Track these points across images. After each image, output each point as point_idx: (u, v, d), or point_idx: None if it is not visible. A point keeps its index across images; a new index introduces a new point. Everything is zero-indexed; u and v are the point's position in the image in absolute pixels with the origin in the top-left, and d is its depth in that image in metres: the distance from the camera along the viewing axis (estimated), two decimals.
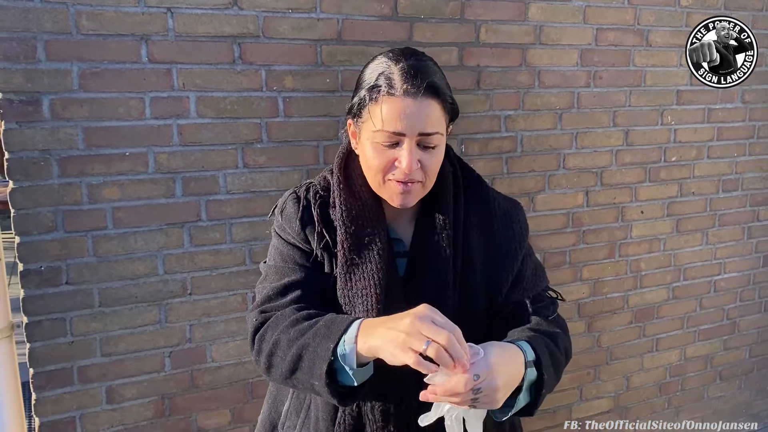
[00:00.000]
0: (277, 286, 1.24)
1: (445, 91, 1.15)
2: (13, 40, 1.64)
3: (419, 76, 1.10)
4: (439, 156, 1.16)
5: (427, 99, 1.10)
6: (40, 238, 1.74)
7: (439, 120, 1.13)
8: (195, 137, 1.85)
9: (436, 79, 1.13)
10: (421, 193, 1.19)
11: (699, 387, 2.99)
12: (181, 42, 1.79)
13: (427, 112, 1.11)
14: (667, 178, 2.66)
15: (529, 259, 1.30)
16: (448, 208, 1.22)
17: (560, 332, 1.24)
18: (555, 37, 2.31)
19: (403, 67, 1.12)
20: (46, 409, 1.82)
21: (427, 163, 1.14)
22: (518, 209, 1.32)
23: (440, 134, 1.14)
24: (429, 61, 1.17)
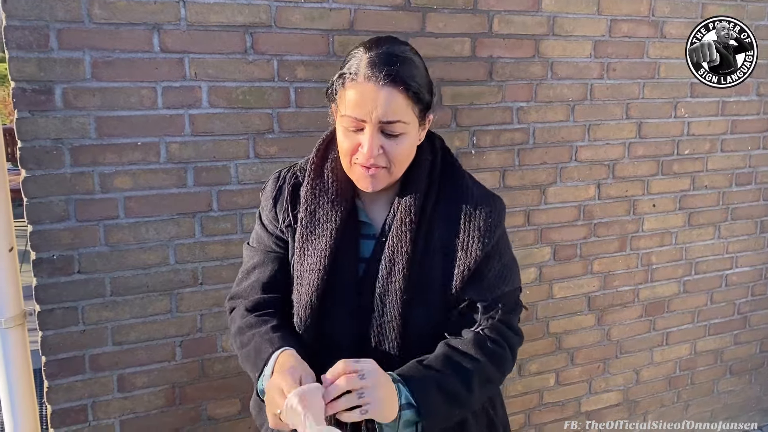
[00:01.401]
0: (243, 270, 1.34)
1: (413, 80, 1.14)
2: (26, 28, 1.64)
3: (384, 64, 1.12)
4: (404, 144, 1.17)
5: (388, 87, 1.11)
6: (53, 227, 1.74)
7: (403, 108, 1.13)
8: (207, 127, 1.84)
9: (402, 67, 1.13)
10: (388, 178, 1.20)
11: (709, 381, 2.98)
12: (193, 31, 1.78)
13: (388, 100, 1.12)
14: (679, 171, 2.64)
15: (494, 259, 1.23)
16: (418, 196, 1.22)
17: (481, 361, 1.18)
18: (568, 29, 2.29)
19: (371, 55, 1.13)
20: (59, 397, 1.83)
21: (390, 150, 1.16)
22: (491, 207, 1.24)
23: (403, 123, 1.14)
24: (403, 51, 1.16)
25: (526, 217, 2.36)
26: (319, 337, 1.25)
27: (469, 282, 1.21)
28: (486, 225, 1.21)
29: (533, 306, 2.46)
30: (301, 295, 1.25)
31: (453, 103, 2.15)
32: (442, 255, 1.21)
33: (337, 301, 1.23)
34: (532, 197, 2.36)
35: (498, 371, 1.23)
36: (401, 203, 1.23)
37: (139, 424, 1.93)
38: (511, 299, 1.26)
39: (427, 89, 1.19)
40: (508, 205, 2.25)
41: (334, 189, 1.25)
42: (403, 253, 1.20)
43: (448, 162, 1.29)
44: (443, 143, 1.33)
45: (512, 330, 1.26)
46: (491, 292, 1.22)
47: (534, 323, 2.48)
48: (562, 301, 2.52)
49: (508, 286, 1.24)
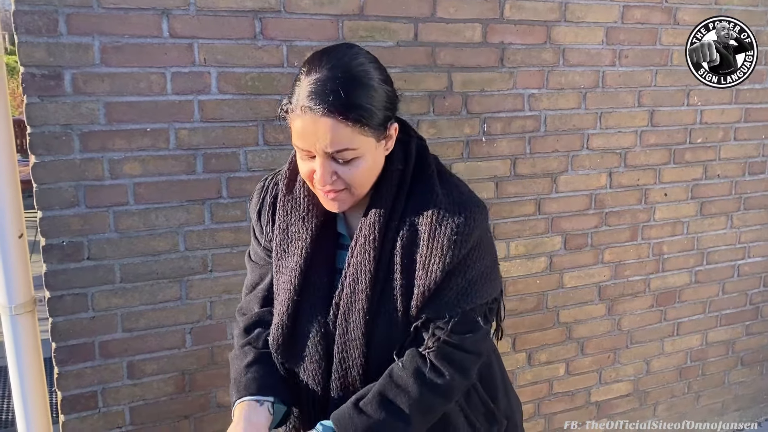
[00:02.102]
0: (247, 285, 1.38)
1: (353, 106, 1.06)
2: (35, 13, 1.63)
3: (321, 94, 1.05)
4: (359, 168, 1.11)
5: (326, 118, 1.05)
6: (62, 213, 1.74)
7: (348, 136, 1.07)
8: (216, 113, 1.83)
9: (341, 94, 1.05)
10: (351, 198, 1.16)
11: (720, 372, 2.96)
12: (202, 17, 1.77)
13: (330, 131, 1.06)
14: (692, 160, 2.61)
15: (458, 276, 1.16)
16: (383, 212, 1.17)
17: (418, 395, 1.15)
18: (580, 15, 2.26)
19: (309, 81, 1.07)
20: (69, 384, 1.83)
21: (345, 175, 1.11)
22: (461, 219, 1.14)
23: (351, 149, 1.08)
24: (347, 69, 1.08)
25: (536, 206, 2.35)
26: (292, 355, 1.26)
27: (429, 300, 1.16)
28: (450, 242, 1.13)
29: (544, 295, 2.45)
30: (276, 314, 1.26)
31: (464, 90, 2.14)
32: (405, 273, 1.16)
33: (308, 321, 1.23)
34: (543, 185, 2.34)
35: (440, 398, 1.18)
36: (366, 219, 1.18)
37: (149, 411, 1.93)
38: (469, 318, 1.18)
39: (381, 107, 1.10)
40: (520, 193, 2.28)
41: (305, 205, 1.23)
42: (366, 272, 1.17)
43: (421, 168, 1.21)
44: (421, 145, 1.24)
45: (462, 350, 1.18)
46: (449, 310, 1.16)
47: (544, 312, 2.47)
48: (573, 291, 2.50)
49: (469, 304, 1.17)
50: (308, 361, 1.24)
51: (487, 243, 1.21)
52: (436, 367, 1.17)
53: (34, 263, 1.91)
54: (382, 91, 1.11)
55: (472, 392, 1.32)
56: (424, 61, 2.06)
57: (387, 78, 1.15)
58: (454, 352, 1.17)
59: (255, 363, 1.26)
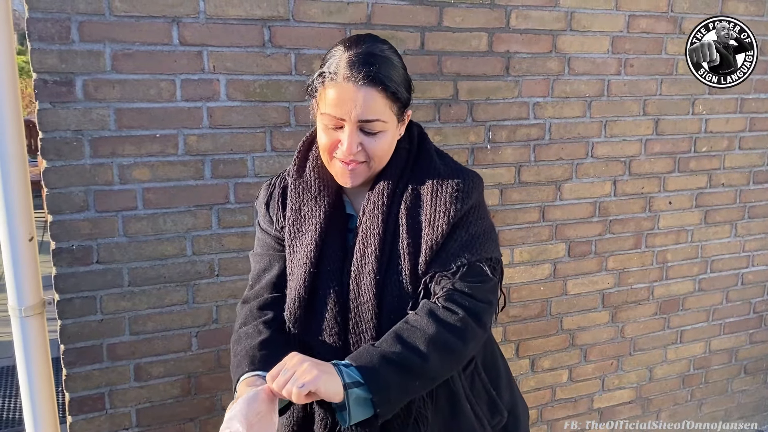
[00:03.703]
0: (253, 274, 1.40)
1: (390, 80, 1.18)
2: (48, 20, 1.66)
3: (363, 64, 1.16)
4: (382, 141, 1.21)
5: (366, 87, 1.15)
6: (72, 217, 1.77)
7: (381, 108, 1.18)
8: (224, 120, 1.86)
9: (381, 67, 1.16)
10: (367, 172, 1.25)
11: (723, 380, 2.96)
12: (211, 24, 1.80)
13: (366, 100, 1.16)
14: (696, 169, 2.62)
15: (461, 230, 1.24)
16: (390, 182, 1.27)
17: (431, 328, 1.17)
18: (586, 24, 2.28)
19: (350, 55, 1.17)
20: (77, 385, 1.86)
21: (369, 146, 1.21)
22: (460, 180, 1.25)
23: (382, 121, 1.19)
24: (382, 50, 1.20)
25: (541, 213, 2.36)
26: (309, 329, 1.29)
27: (436, 255, 1.23)
28: (452, 198, 1.23)
29: (547, 302, 2.46)
30: (291, 290, 1.30)
31: (469, 98, 2.15)
32: (412, 233, 1.24)
33: (324, 293, 1.27)
34: (547, 193, 2.35)
35: (455, 337, 1.18)
36: (375, 189, 1.27)
37: (155, 413, 1.96)
38: (476, 270, 1.23)
39: (405, 87, 1.23)
40: (524, 201, 2.30)
41: (316, 186, 1.30)
42: (375, 235, 1.24)
43: (422, 147, 1.32)
44: (421, 130, 1.36)
45: (472, 297, 1.21)
46: (453, 261, 1.22)
47: (548, 319, 2.48)
48: (576, 298, 2.52)
49: (474, 256, 1.23)
50: (326, 334, 1.27)
51: (485, 210, 1.31)
52: (448, 307, 1.20)
53: (42, 264, 1.94)
54: (407, 76, 1.24)
55: (476, 379, 1.36)
56: (431, 70, 2.08)
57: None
58: (464, 297, 1.21)
59: (270, 341, 1.27)
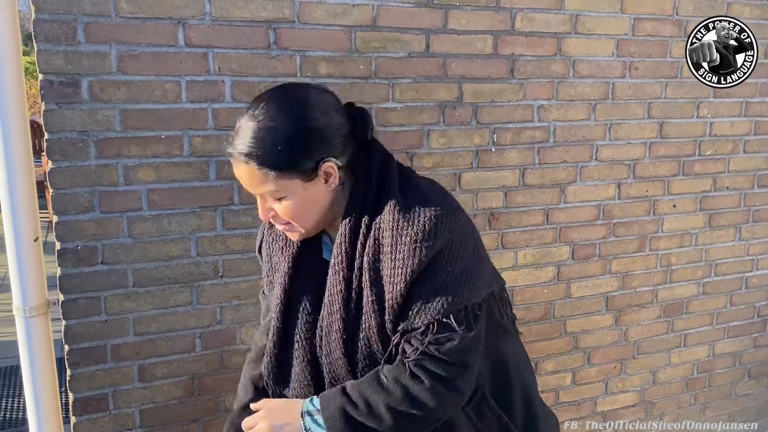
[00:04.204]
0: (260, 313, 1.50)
1: (259, 156, 1.12)
2: (54, 22, 1.66)
3: (235, 141, 1.15)
4: (290, 206, 1.18)
5: (241, 165, 1.15)
6: (77, 218, 1.77)
7: (261, 179, 1.14)
8: (229, 121, 1.86)
9: (253, 142, 1.12)
10: (301, 231, 1.23)
11: (727, 384, 2.96)
12: (217, 26, 1.80)
13: (247, 176, 1.15)
14: (701, 172, 2.62)
15: (424, 284, 1.14)
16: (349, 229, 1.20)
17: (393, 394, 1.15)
18: (591, 27, 2.28)
19: (234, 128, 1.17)
20: (81, 385, 1.86)
21: (281, 212, 1.19)
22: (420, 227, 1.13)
23: (271, 191, 1.16)
24: (263, 115, 1.14)
25: (545, 216, 2.36)
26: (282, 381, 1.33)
27: (400, 312, 1.16)
28: (411, 251, 1.13)
29: (551, 305, 2.46)
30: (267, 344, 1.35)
31: (474, 101, 2.16)
32: (375, 290, 1.17)
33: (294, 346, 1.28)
34: (551, 196, 2.35)
35: (418, 407, 1.14)
36: (336, 242, 1.22)
37: (159, 414, 1.96)
38: (446, 327, 1.14)
39: (299, 152, 1.14)
40: (528, 203, 2.30)
41: (283, 236, 1.30)
42: (337, 293, 1.20)
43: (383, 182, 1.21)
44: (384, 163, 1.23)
45: (443, 362, 1.14)
46: (420, 319, 1.14)
47: (551, 322, 2.48)
48: (580, 301, 2.51)
49: (442, 312, 1.14)
50: (298, 386, 1.29)
51: (461, 245, 1.18)
52: (415, 375, 1.15)
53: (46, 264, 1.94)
54: (301, 139, 1.14)
55: (484, 407, 1.28)
56: (436, 72, 2.08)
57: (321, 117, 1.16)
58: (433, 362, 1.14)
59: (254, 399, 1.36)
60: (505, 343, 1.34)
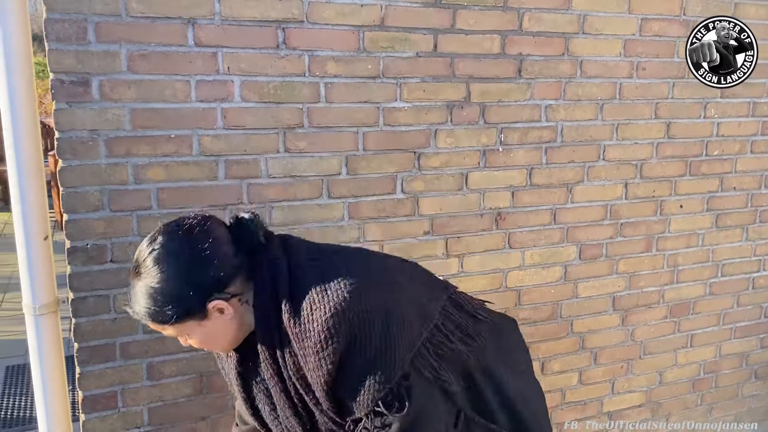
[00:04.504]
0: None
1: (150, 313, 1.20)
2: (65, 21, 1.67)
3: (133, 304, 1.23)
4: (196, 339, 1.27)
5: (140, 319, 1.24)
6: (87, 217, 1.78)
7: (162, 328, 1.24)
8: (238, 121, 1.87)
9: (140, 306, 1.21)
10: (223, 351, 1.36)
11: (733, 385, 2.95)
12: (227, 26, 1.81)
13: (152, 326, 1.24)
14: (708, 173, 2.62)
15: (341, 387, 1.21)
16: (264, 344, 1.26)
17: None
18: (599, 27, 2.28)
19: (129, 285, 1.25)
20: (90, 383, 1.87)
21: (192, 342, 1.28)
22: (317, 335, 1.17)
23: (177, 334, 1.26)
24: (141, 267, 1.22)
25: (552, 216, 2.36)
26: None
27: (337, 409, 1.25)
28: (316, 362, 1.18)
29: (557, 304, 2.46)
30: None
31: (481, 100, 2.16)
32: (307, 391, 1.26)
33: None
34: (558, 196, 2.35)
35: None
36: (261, 359, 1.29)
37: (167, 412, 1.97)
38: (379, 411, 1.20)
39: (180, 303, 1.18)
40: (535, 203, 2.31)
41: None
42: (282, 402, 1.30)
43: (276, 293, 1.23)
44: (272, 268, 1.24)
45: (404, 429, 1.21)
46: (359, 411, 1.22)
47: (558, 322, 2.48)
48: (587, 301, 2.51)
49: (369, 403, 1.20)
50: None
51: (367, 331, 1.18)
52: None
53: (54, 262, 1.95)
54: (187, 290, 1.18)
55: (470, 424, 1.35)
56: (443, 72, 2.09)
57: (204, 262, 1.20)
58: None
59: None
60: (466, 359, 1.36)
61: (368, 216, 2.08)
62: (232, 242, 1.25)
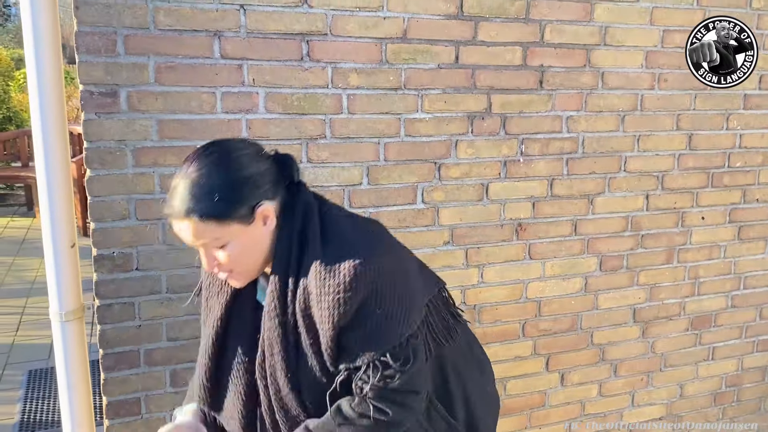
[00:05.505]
0: None
1: (197, 209, 1.17)
2: (95, 34, 1.71)
3: (170, 201, 1.20)
4: (232, 251, 1.22)
5: (179, 221, 1.20)
6: (114, 225, 1.81)
7: (203, 230, 1.19)
8: (262, 132, 1.89)
9: (185, 199, 1.18)
10: (244, 276, 1.28)
11: (755, 399, 2.92)
12: (252, 38, 1.84)
13: (186, 230, 1.20)
14: (730, 184, 2.60)
15: (355, 330, 1.21)
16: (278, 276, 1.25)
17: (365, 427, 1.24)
18: (620, 38, 2.28)
19: (169, 190, 1.22)
20: (114, 390, 1.90)
21: (222, 258, 1.23)
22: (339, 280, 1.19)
23: (214, 239, 1.20)
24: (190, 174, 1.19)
25: (573, 227, 2.36)
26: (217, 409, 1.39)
27: (338, 355, 1.23)
28: (335, 302, 1.18)
29: (578, 316, 2.45)
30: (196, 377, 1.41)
31: (502, 112, 2.17)
32: (311, 333, 1.24)
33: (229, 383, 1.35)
34: (579, 207, 2.35)
35: None
36: (269, 288, 1.27)
37: None
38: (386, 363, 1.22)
39: (235, 200, 1.19)
40: (556, 214, 2.30)
41: (219, 282, 1.35)
42: (275, 337, 1.26)
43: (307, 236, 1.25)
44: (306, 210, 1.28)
45: (394, 390, 1.23)
46: (358, 359, 1.22)
47: (578, 333, 2.47)
48: (607, 312, 2.50)
49: (378, 351, 1.21)
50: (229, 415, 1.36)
51: (387, 288, 1.22)
52: (378, 408, 1.23)
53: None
54: (234, 186, 1.20)
55: (431, 410, 1.37)
56: (464, 83, 2.10)
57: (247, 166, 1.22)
58: (388, 395, 1.23)
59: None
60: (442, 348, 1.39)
61: (389, 226, 2.06)
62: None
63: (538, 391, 2.48)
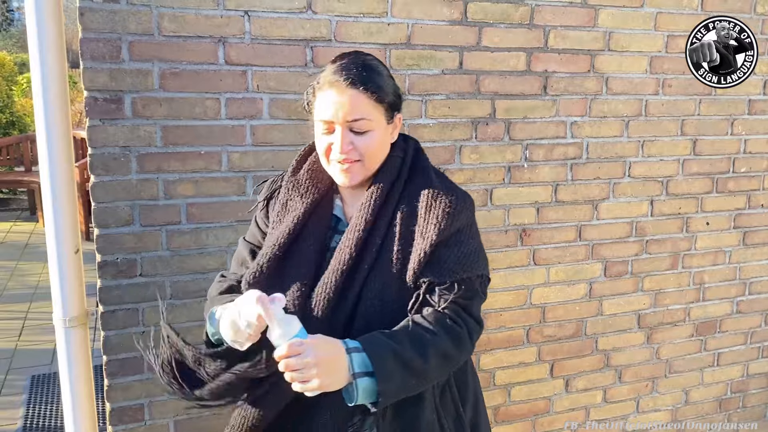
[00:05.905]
0: (235, 258, 1.49)
1: (371, 81, 1.24)
2: (100, 40, 1.71)
3: (345, 70, 1.24)
4: (372, 139, 1.27)
5: (349, 89, 1.23)
6: (118, 231, 1.81)
7: (365, 107, 1.24)
8: (266, 138, 1.89)
9: (362, 71, 1.24)
10: (362, 171, 1.30)
11: (761, 405, 2.91)
12: (256, 45, 1.84)
13: (350, 101, 1.23)
14: (735, 190, 2.59)
15: (454, 247, 1.29)
16: (381, 187, 1.31)
17: (438, 334, 1.23)
18: (624, 44, 2.28)
19: (335, 66, 1.27)
20: (117, 395, 1.89)
21: (359, 144, 1.27)
22: (453, 198, 1.29)
23: (367, 120, 1.25)
24: (365, 60, 1.28)
25: (577, 233, 2.35)
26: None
27: (427, 265, 1.26)
28: (444, 213, 1.27)
29: (582, 322, 2.45)
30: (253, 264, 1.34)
31: (506, 117, 2.17)
32: (402, 242, 1.28)
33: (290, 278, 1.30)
34: (584, 212, 2.35)
35: (455, 348, 1.26)
36: (367, 193, 1.32)
37: (192, 425, 1.98)
38: (471, 285, 1.30)
39: (391, 91, 1.29)
40: (560, 220, 2.30)
41: (305, 185, 1.37)
42: (350, 248, 1.27)
43: (418, 160, 1.37)
44: (417, 145, 1.40)
45: (470, 315, 1.29)
46: (450, 276, 1.27)
47: (583, 339, 2.46)
48: (612, 318, 2.50)
49: (467, 273, 1.29)
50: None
51: (476, 230, 1.35)
52: (454, 319, 1.27)
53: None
54: (392, 82, 1.31)
55: (446, 392, 1.38)
56: (468, 89, 2.10)
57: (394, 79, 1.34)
58: (464, 313, 1.28)
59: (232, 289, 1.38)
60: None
61: None
62: None
63: (543, 397, 2.47)
